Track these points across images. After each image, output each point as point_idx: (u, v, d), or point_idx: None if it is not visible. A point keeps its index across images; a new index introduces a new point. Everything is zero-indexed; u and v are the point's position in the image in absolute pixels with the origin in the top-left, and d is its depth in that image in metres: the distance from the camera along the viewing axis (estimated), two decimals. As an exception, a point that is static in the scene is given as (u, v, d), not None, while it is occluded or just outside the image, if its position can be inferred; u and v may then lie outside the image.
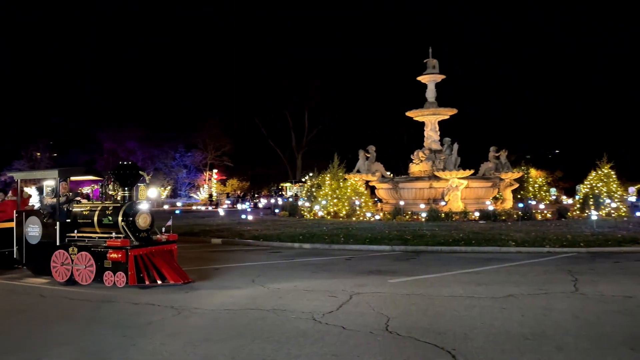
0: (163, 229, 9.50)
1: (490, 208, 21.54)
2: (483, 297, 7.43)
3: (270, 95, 49.42)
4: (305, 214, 24.42)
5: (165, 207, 38.44)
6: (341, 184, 23.85)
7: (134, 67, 49.63)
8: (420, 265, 10.58)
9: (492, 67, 46.82)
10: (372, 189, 26.89)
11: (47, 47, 48.44)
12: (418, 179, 24.72)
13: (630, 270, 9.55)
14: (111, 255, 8.41)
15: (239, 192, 53.82)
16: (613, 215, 20.87)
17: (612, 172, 22.13)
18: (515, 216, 20.32)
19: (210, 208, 39.92)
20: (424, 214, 20.93)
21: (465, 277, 9.07)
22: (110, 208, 9.01)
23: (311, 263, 11.12)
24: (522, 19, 53.22)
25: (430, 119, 26.95)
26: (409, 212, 21.94)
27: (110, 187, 9.43)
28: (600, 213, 20.44)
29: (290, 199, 34.64)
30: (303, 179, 41.25)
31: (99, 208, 9.18)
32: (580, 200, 22.51)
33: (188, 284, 8.49)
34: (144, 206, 9.04)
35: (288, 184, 49.14)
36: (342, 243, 13.85)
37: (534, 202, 24.61)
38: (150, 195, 9.47)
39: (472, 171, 23.34)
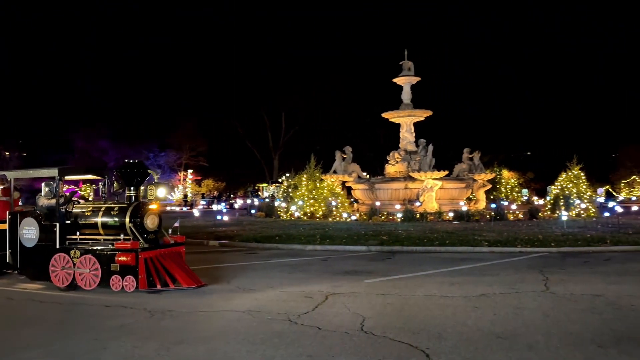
0: (170, 231, 9.03)
1: (464, 209, 21.86)
2: (456, 296, 7.54)
3: (247, 96, 49.18)
4: (282, 214, 24.38)
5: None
6: (318, 184, 23.88)
7: (115, 67, 48.77)
8: (396, 266, 10.66)
9: (468, 69, 47.57)
10: (348, 190, 27.01)
11: (46, 47, 47.30)
12: (394, 179, 24.92)
13: (599, 269, 9.81)
14: (120, 259, 7.91)
15: (214, 192, 53.37)
16: (582, 215, 21.41)
17: (582, 174, 22.71)
18: (488, 217, 20.68)
19: (184, 209, 39.45)
20: (399, 215, 21.12)
21: (440, 277, 9.18)
22: (115, 209, 8.54)
23: (287, 264, 11.10)
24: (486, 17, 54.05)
25: (406, 120, 27.21)
26: (385, 213, 22.11)
27: (116, 186, 8.98)
28: (570, 213, 20.95)
29: (267, 200, 34.51)
30: (280, 180, 41.16)
31: (102, 209, 8.70)
32: (551, 201, 23.03)
33: (201, 288, 8.11)
34: (152, 206, 8.60)
35: (265, 185, 48.96)
36: (319, 244, 13.86)
37: (506, 203, 25.08)
38: (160, 195, 9.03)
39: (446, 172, 23.67)
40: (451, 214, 20.99)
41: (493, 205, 22.04)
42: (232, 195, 51.65)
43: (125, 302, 7.44)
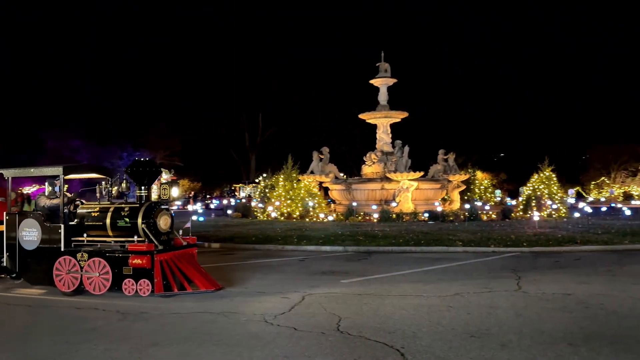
0: (180, 231, 8.69)
1: (439, 209, 22.12)
2: (431, 296, 7.61)
3: (223, 96, 48.80)
4: (259, 215, 24.27)
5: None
6: (295, 185, 23.85)
7: (88, 66, 47.77)
8: (372, 266, 10.71)
9: (440, 70, 48.20)
10: (325, 190, 27.04)
11: (46, 48, 45.87)
12: (370, 180, 25.06)
13: (569, 268, 10.04)
14: (134, 261, 7.57)
15: (190, 193, 52.77)
16: (554, 216, 21.89)
17: (553, 175, 23.21)
18: (462, 217, 20.97)
19: None
20: (376, 215, 21.25)
21: (415, 277, 9.26)
22: (125, 209, 8.14)
23: (264, 264, 11.04)
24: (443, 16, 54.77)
25: (383, 121, 27.39)
26: (362, 213, 22.22)
27: (124, 185, 8.60)
28: (542, 214, 21.40)
29: (244, 200, 34.30)
30: (257, 180, 40.96)
31: (111, 209, 8.26)
32: (524, 202, 23.48)
33: (218, 291, 7.90)
34: (165, 206, 8.29)
35: (241, 185, 48.64)
36: (296, 244, 13.84)
37: (479, 204, 25.47)
38: (174, 194, 8.69)
39: (422, 173, 23.92)
40: (426, 214, 21.22)
41: (467, 206, 22.36)
42: (208, 196, 51.14)
43: (98, 304, 7.30)
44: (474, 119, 48.78)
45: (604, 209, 27.59)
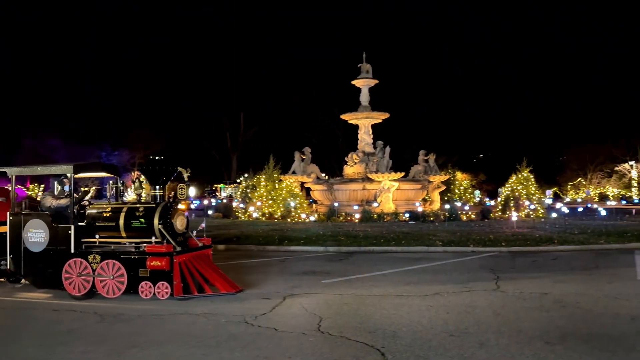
0: (194, 232, 8.45)
1: (420, 209, 22.30)
2: (411, 295, 7.67)
3: (205, 95, 48.50)
4: (240, 215, 24.13)
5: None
6: (276, 185, 23.78)
7: (67, 65, 46.97)
8: (353, 266, 10.75)
9: (423, 71, 48.64)
10: (307, 191, 27.03)
11: (24, 47, 44.78)
12: (352, 180, 25.13)
13: (547, 268, 10.22)
14: (152, 263, 7.33)
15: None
16: (532, 216, 22.24)
17: (531, 176, 23.58)
18: (442, 217, 21.17)
19: None
20: (357, 215, 21.33)
21: (395, 277, 9.32)
22: (140, 209, 7.88)
23: (245, 265, 11.00)
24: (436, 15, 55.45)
25: (364, 122, 27.49)
26: (343, 213, 22.26)
27: (136, 185, 8.41)
28: (520, 214, 21.72)
29: (225, 200, 34.07)
30: (238, 180, 40.75)
31: (124, 209, 7.98)
32: (502, 202, 23.81)
33: (238, 293, 7.75)
34: (180, 206, 8.07)
35: (222, 185, 48.32)
36: (277, 244, 13.80)
37: (459, 204, 25.73)
38: (192, 194, 8.38)
39: (403, 174, 24.07)
40: (407, 215, 21.36)
41: (447, 206, 22.58)
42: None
43: (75, 306, 7.18)
44: (454, 120, 49.35)
45: (580, 209, 28.11)
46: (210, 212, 27.54)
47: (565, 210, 24.80)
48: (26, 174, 9.07)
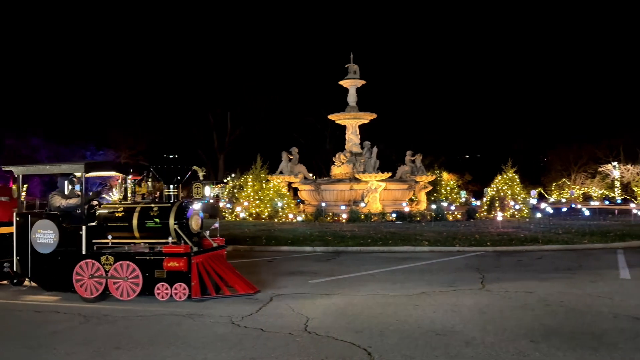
0: (207, 232, 8.25)
1: (406, 209, 22.41)
2: (398, 295, 7.70)
3: (191, 95, 48.10)
4: (227, 215, 24.03)
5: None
6: (264, 185, 23.73)
7: (51, 62, 46.22)
8: (340, 266, 10.76)
9: (411, 72, 48.93)
10: (294, 191, 27.02)
11: (27, 46, 43.87)
12: (339, 181, 25.17)
13: (532, 267, 10.33)
14: (169, 264, 7.18)
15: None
16: (517, 216, 22.48)
17: (516, 176, 23.83)
18: (428, 217, 21.30)
19: None
20: (344, 215, 21.36)
21: (382, 276, 9.35)
22: (154, 209, 7.68)
23: (232, 265, 10.92)
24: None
25: (352, 122, 27.57)
26: (331, 214, 22.29)
27: (150, 184, 8.25)
28: (505, 214, 21.94)
29: (211, 201, 33.90)
30: (225, 180, 40.56)
31: (137, 209, 7.77)
32: (488, 202, 24.02)
33: (256, 294, 7.63)
34: (196, 206, 7.88)
35: (209, 185, 48.05)
36: (264, 245, 13.77)
37: (445, 204, 25.92)
38: (207, 193, 8.21)
39: (390, 174, 24.18)
40: (394, 215, 21.45)
41: (433, 206, 22.72)
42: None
43: (59, 307, 7.09)
44: (440, 121, 49.65)
45: (564, 209, 28.49)
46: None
47: (550, 210, 25.13)
48: (33, 173, 8.81)
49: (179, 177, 8.05)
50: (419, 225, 18.85)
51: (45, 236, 7.86)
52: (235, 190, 26.57)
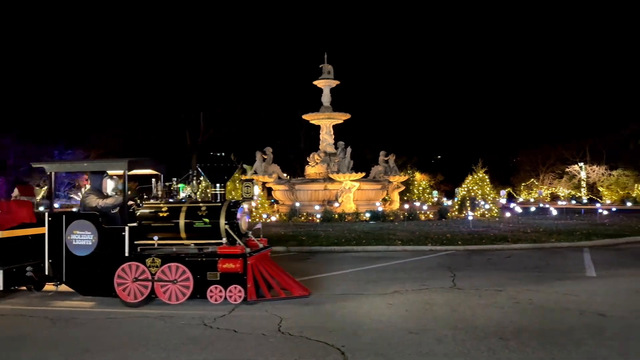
0: (249, 233, 7.97)
1: (380, 209, 22.57)
2: (371, 294, 7.75)
3: (164, 93, 47.39)
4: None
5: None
6: (237, 185, 23.55)
7: (19, 60, 44.79)
8: (315, 265, 10.76)
9: (385, 73, 49.26)
10: (269, 191, 26.90)
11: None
12: (313, 181, 25.18)
13: (501, 266, 10.53)
14: (224, 266, 6.96)
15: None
16: (487, 215, 22.88)
17: (486, 177, 24.27)
18: (401, 217, 21.50)
19: None
20: (318, 215, 21.38)
21: (356, 276, 9.39)
22: (203, 208, 7.39)
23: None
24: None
25: (326, 122, 27.62)
26: (305, 213, 22.28)
27: (194, 183, 8.05)
28: (476, 214, 22.32)
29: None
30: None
31: (183, 209, 7.45)
32: (459, 202, 24.40)
33: (310, 296, 7.46)
34: (244, 206, 7.67)
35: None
36: (237, 245, 13.65)
37: (418, 204, 26.21)
38: (256, 192, 7.92)
39: (363, 174, 24.32)
40: (368, 214, 21.58)
41: (406, 206, 22.96)
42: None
43: (24, 311, 6.88)
44: (413, 122, 50.17)
45: (533, 209, 29.15)
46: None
47: (519, 209, 25.66)
48: (69, 170, 8.19)
49: (226, 176, 7.83)
50: (392, 225, 19.01)
51: (83, 237, 7.42)
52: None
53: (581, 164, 43.91)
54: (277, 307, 6.93)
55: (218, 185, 7.71)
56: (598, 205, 28.36)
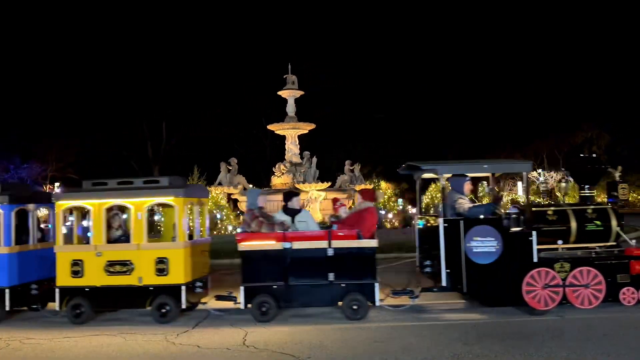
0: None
1: (346, 218, 22.64)
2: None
3: (124, 104, 46.36)
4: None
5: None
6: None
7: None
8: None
9: (349, 82, 49.62)
10: (234, 202, 26.60)
11: None
12: (279, 191, 25.03)
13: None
14: (637, 267, 6.97)
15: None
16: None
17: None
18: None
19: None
20: (284, 226, 21.27)
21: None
22: (589, 211, 7.31)
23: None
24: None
25: (291, 132, 27.61)
26: (271, 224, 22.11)
27: (562, 186, 8.00)
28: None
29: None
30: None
31: (569, 212, 7.32)
32: (423, 210, 24.75)
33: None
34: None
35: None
36: (201, 258, 13.40)
37: (383, 212, 26.40)
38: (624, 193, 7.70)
39: (329, 183, 24.39)
40: (334, 224, 21.61)
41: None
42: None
43: (-27, 333, 6.53)
44: (378, 130, 50.72)
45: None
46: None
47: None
48: (464, 172, 8.04)
49: (595, 178, 7.77)
50: (358, 234, 19.07)
51: (484, 244, 7.08)
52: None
53: (540, 170, 45.36)
54: (241, 320, 6.82)
55: (587, 186, 7.69)
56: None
